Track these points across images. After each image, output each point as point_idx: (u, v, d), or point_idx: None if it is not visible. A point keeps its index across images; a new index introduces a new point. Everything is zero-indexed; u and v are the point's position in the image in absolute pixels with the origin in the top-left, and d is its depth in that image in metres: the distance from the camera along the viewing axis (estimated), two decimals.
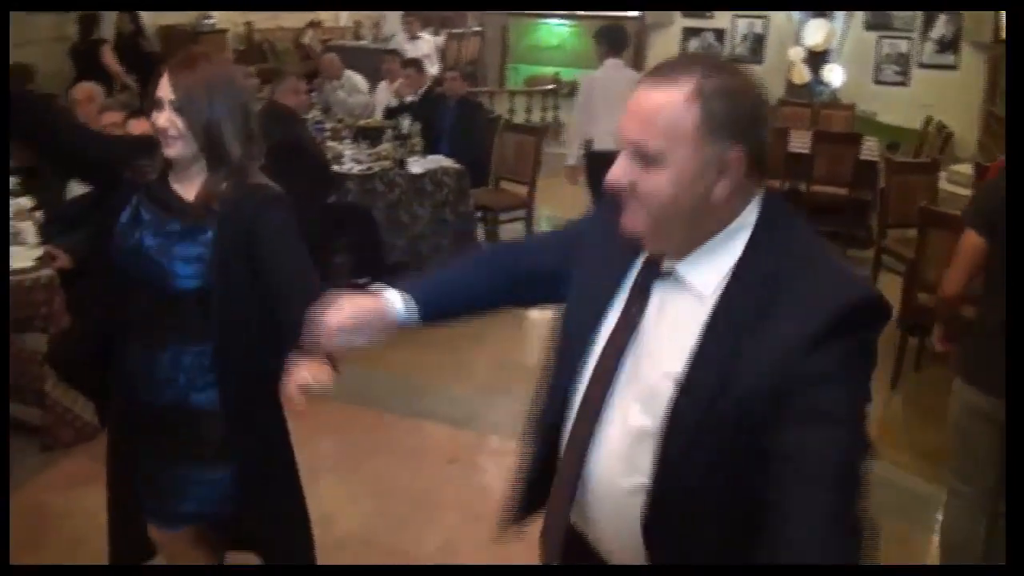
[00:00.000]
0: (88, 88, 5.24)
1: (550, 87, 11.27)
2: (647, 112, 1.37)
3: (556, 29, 14.04)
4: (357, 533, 3.53)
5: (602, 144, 5.91)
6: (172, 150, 2.16)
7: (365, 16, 13.44)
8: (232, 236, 2.19)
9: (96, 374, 2.49)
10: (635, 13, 13.12)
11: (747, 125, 1.37)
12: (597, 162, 6.02)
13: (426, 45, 9.94)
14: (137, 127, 4.23)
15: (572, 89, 12.49)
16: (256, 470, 2.39)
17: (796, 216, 1.45)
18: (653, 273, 1.47)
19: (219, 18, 10.53)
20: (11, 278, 3.86)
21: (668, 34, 12.96)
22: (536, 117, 10.75)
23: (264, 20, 11.43)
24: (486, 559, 3.38)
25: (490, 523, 3.54)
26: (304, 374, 1.84)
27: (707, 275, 1.41)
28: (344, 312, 1.62)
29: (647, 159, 1.37)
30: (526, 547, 3.38)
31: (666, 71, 1.39)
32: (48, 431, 4.02)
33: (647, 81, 1.39)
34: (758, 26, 12.36)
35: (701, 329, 1.38)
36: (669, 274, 1.45)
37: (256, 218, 2.20)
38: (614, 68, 6.22)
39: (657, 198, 1.38)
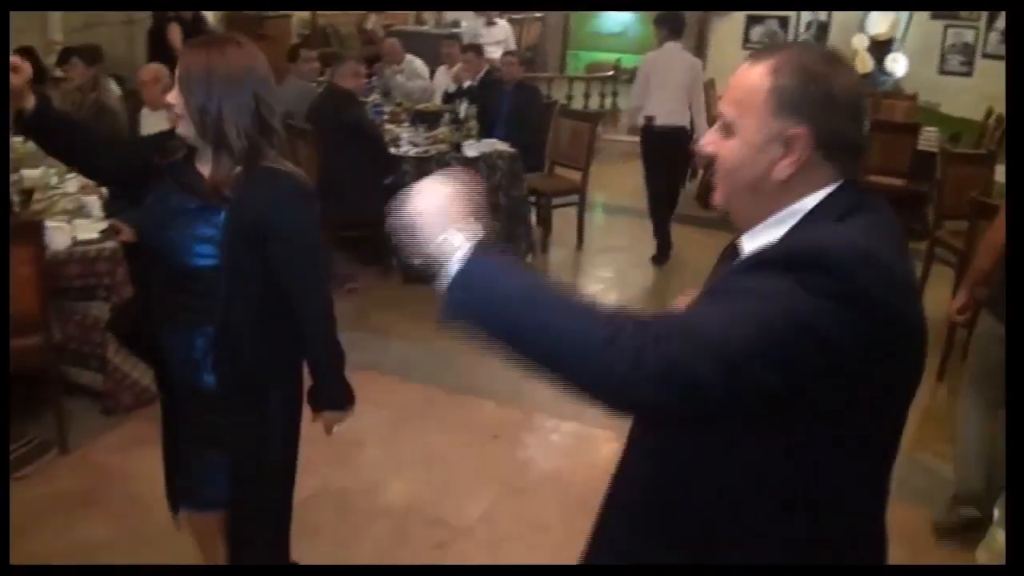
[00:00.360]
0: (155, 69, 5.41)
1: (609, 74, 11.28)
2: (732, 85, 1.44)
3: (619, 16, 14.02)
4: (400, 501, 3.65)
5: (665, 120, 6.60)
6: (179, 128, 2.20)
7: None
8: (241, 221, 2.19)
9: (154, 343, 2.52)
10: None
11: (817, 109, 1.37)
12: (651, 135, 6.64)
13: (501, 31, 10.01)
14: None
15: (631, 76, 12.52)
16: (244, 459, 2.39)
17: (867, 209, 1.41)
18: (729, 251, 1.55)
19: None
20: (77, 248, 4.06)
21: (731, 20, 12.90)
22: (594, 103, 10.79)
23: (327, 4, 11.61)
24: (524, 530, 3.50)
25: (529, 496, 3.68)
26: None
27: (753, 244, 1.45)
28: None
29: (725, 128, 1.43)
30: (560, 518, 3.49)
31: (763, 51, 1.44)
32: (109, 395, 4.21)
33: (748, 60, 1.45)
34: (822, 14, 12.26)
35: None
36: (738, 249, 1.50)
37: (272, 211, 2.20)
38: (673, 51, 6.68)
39: (726, 165, 1.43)
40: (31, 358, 3.74)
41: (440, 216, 1.29)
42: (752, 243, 1.44)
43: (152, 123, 5.40)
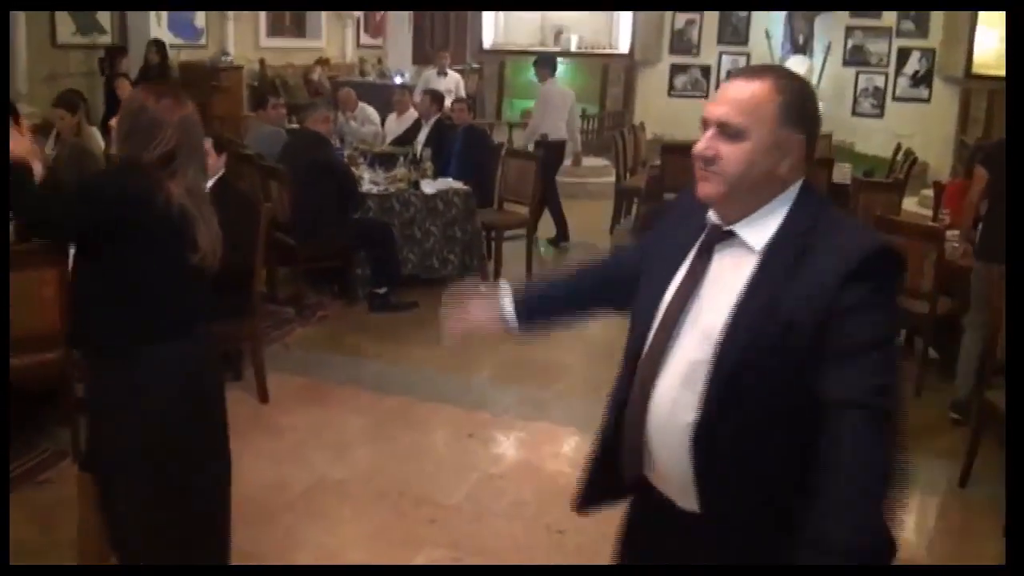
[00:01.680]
0: None
1: None
2: (739, 98, 1.69)
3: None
4: (393, 487, 4.10)
5: (555, 135, 8.80)
6: None
7: (369, 53, 14.19)
8: None
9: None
10: (624, 51, 13.85)
11: (809, 121, 1.71)
12: (549, 148, 8.60)
13: (451, 81, 10.77)
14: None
15: None
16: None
17: (826, 200, 1.79)
18: (715, 236, 1.77)
19: (235, 55, 11.20)
20: None
21: (656, 71, 13.67)
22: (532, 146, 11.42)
23: (275, 57, 12.11)
24: (505, 506, 3.99)
25: (506, 480, 4.17)
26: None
27: (759, 234, 1.71)
28: (468, 313, 2.11)
29: (732, 133, 1.68)
30: (535, 495, 3.98)
31: (754, 71, 1.76)
32: None
33: (739, 77, 1.74)
34: (742, 62, 13.05)
35: (751, 273, 1.68)
36: (729, 235, 1.74)
37: None
38: (554, 85, 9.23)
39: (736, 165, 1.68)
40: (52, 373, 4.09)
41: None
42: (751, 232, 1.73)
43: None
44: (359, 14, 13.94)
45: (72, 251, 2.91)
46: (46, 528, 3.62)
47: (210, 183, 4.77)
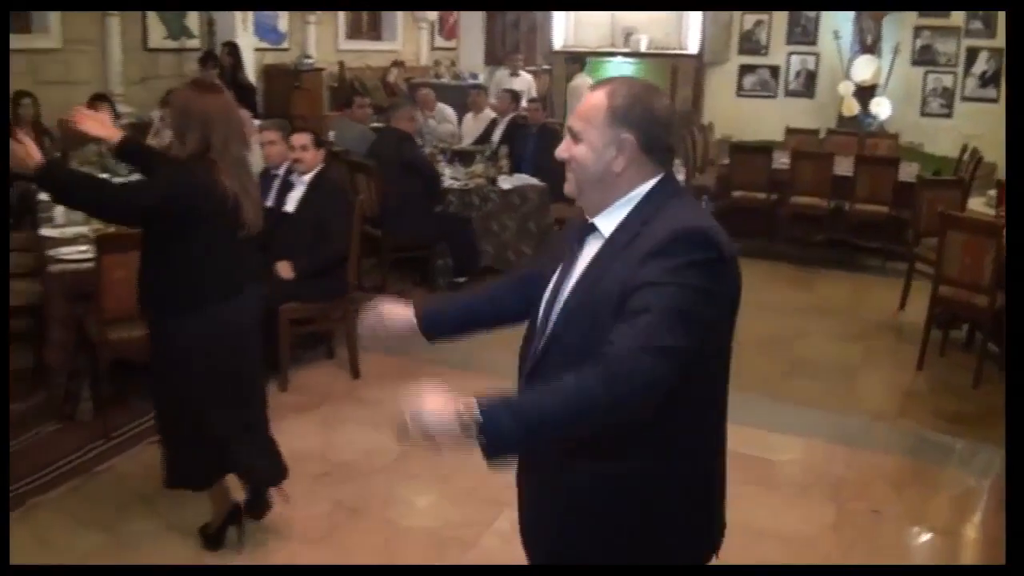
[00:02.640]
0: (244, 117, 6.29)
1: None
2: (581, 107, 1.97)
3: (620, 67, 14.95)
4: (478, 453, 4.43)
5: None
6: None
7: (442, 55, 14.60)
8: None
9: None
10: (694, 52, 14.03)
11: (639, 120, 1.90)
12: None
13: (523, 82, 11.10)
14: (298, 140, 5.28)
15: None
16: None
17: (682, 193, 1.98)
18: (585, 229, 1.99)
19: (316, 58, 11.66)
20: None
21: (724, 71, 13.83)
22: None
23: (353, 59, 12.57)
24: None
25: None
26: None
27: (610, 223, 1.93)
28: (380, 315, 2.23)
29: (575, 137, 1.95)
30: None
31: (600, 83, 1.99)
32: None
33: (590, 90, 1.99)
34: (810, 62, 13.17)
35: (593, 255, 1.94)
36: (592, 227, 1.97)
37: None
38: (582, 79, 10.25)
39: (578, 163, 1.94)
40: (132, 348, 4.35)
41: (443, 410, 1.69)
42: (605, 222, 1.95)
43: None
44: (434, 18, 14.35)
45: None
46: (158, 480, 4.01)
47: (309, 177, 5.23)
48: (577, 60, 10.93)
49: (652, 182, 1.94)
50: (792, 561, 3.72)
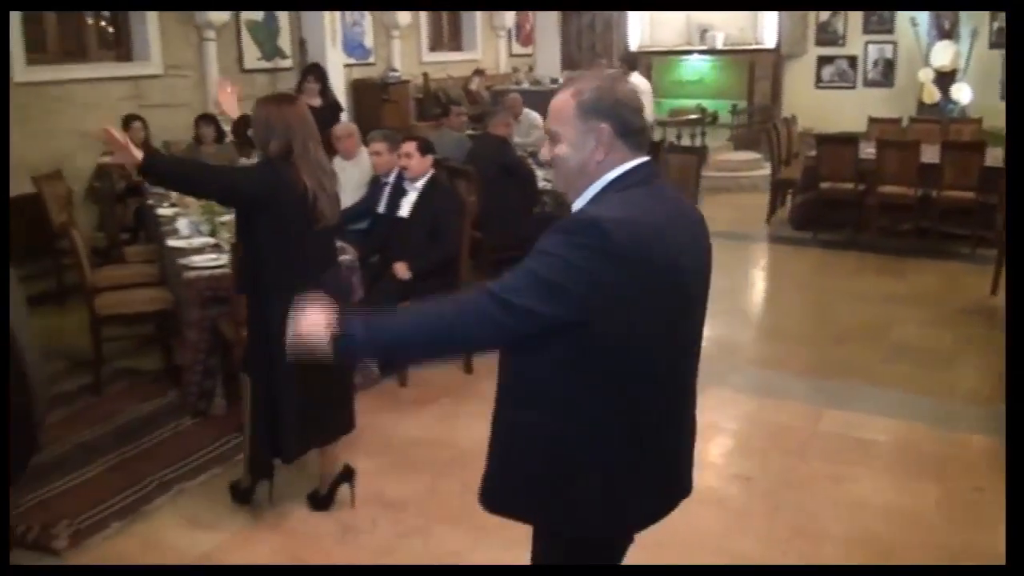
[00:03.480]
0: (349, 126, 6.67)
1: (695, 116, 12.34)
2: (552, 110, 2.11)
3: (696, 65, 15.08)
4: None
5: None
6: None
7: (520, 62, 14.90)
8: None
9: None
10: (770, 46, 14.11)
11: (609, 109, 2.04)
12: None
13: None
14: (404, 147, 5.65)
15: (715, 118, 13.59)
16: None
17: (646, 182, 2.08)
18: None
19: (401, 71, 12.03)
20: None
21: (802, 63, 13.88)
22: (685, 143, 11.85)
23: (436, 70, 12.90)
24: (697, 455, 4.52)
25: (698, 436, 4.63)
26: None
27: (578, 204, 2.11)
28: (308, 318, 2.06)
29: (553, 138, 2.11)
30: (722, 450, 4.43)
31: (563, 84, 2.14)
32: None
33: (557, 93, 2.13)
34: (888, 51, 13.16)
35: None
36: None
37: None
38: (636, 78, 9.86)
39: (563, 162, 2.10)
40: None
41: (316, 326, 2.00)
42: (578, 204, 2.12)
43: (344, 169, 6.62)
44: (511, 25, 14.66)
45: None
46: (299, 469, 4.32)
47: (421, 183, 5.56)
48: (627, 60, 11.41)
49: (624, 167, 2.07)
50: (897, 535, 3.89)
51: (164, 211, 6.39)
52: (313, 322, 2.02)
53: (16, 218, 7.08)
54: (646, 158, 2.11)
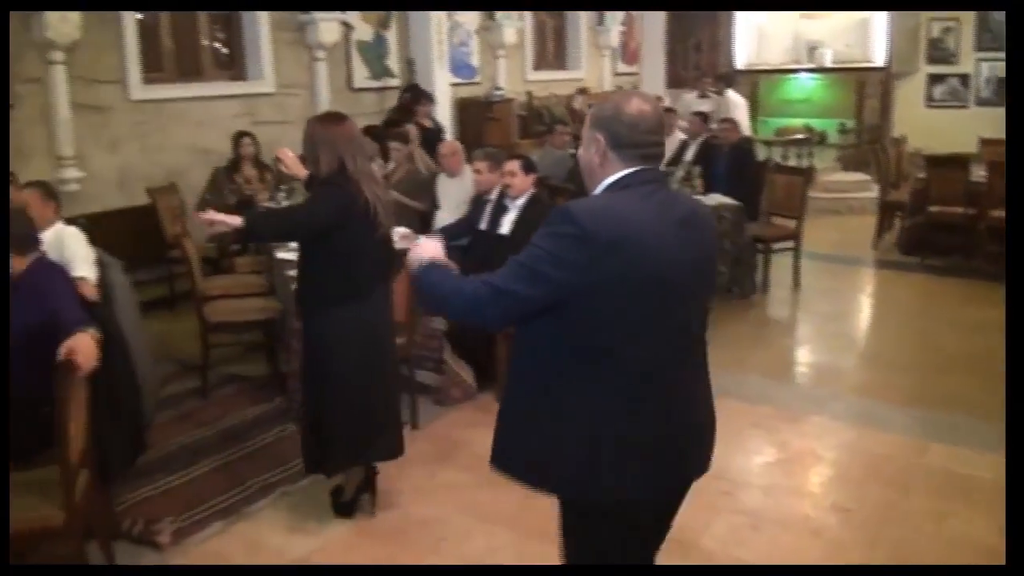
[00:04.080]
0: (455, 144, 6.80)
1: (802, 136, 12.15)
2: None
3: (804, 83, 14.85)
4: None
5: None
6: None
7: (625, 80, 14.90)
8: None
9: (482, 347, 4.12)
10: (880, 64, 13.81)
11: (606, 122, 2.34)
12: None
13: (711, 103, 11.27)
14: (508, 166, 5.71)
15: (823, 138, 13.36)
16: None
17: (633, 185, 2.30)
18: None
19: (506, 89, 12.16)
20: None
21: (913, 82, 13.54)
22: (791, 163, 11.68)
23: (540, 89, 13.01)
24: (792, 487, 4.47)
25: (791, 465, 4.62)
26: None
27: None
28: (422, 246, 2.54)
29: (581, 141, 2.45)
30: (818, 475, 4.40)
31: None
32: (442, 390, 5.41)
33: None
34: (1001, 69, 12.73)
35: None
36: None
37: None
38: (731, 94, 11.22)
39: (579, 160, 2.47)
40: (404, 355, 4.83)
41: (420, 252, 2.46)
42: None
43: (448, 186, 6.75)
44: (615, 44, 14.69)
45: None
46: (397, 476, 4.47)
47: (522, 200, 5.62)
48: (724, 77, 11.94)
49: (620, 174, 2.33)
50: None
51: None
52: (427, 247, 2.47)
53: (132, 228, 7.42)
54: (640, 167, 2.33)
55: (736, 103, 11.19)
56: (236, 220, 3.73)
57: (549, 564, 2.96)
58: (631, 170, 2.31)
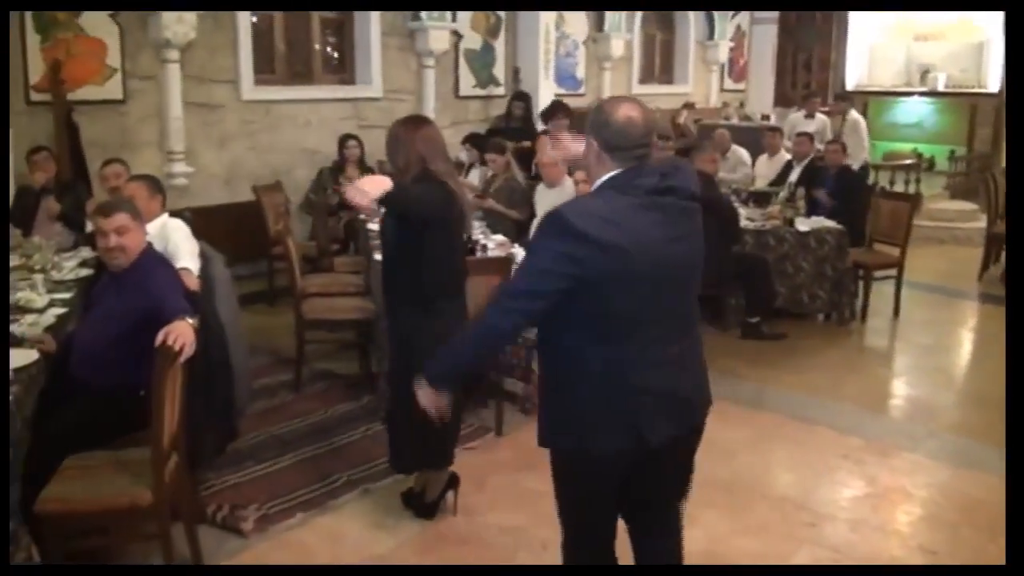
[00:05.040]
0: (554, 156, 6.83)
1: (910, 162, 11.85)
2: None
3: (915, 107, 14.47)
4: (774, 491, 4.62)
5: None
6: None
7: (731, 97, 14.74)
8: None
9: None
10: (994, 90, 13.38)
11: (597, 128, 2.59)
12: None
13: (818, 123, 10.97)
14: (579, 175, 5.85)
15: (932, 164, 12.99)
16: None
17: (616, 188, 2.55)
18: None
19: None
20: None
21: None
22: (898, 188, 11.39)
23: (646, 103, 12.95)
24: (879, 523, 4.36)
25: (880, 500, 4.51)
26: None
27: None
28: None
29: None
30: (907, 513, 4.27)
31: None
32: (529, 398, 5.37)
33: None
34: None
35: None
36: None
37: None
38: (854, 114, 10.86)
39: (581, 160, 2.75)
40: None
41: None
42: None
43: (547, 196, 6.77)
44: (723, 60, 14.54)
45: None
46: (479, 482, 4.52)
47: None
48: (845, 99, 11.81)
49: (612, 173, 2.59)
50: None
51: (373, 226, 6.68)
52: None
53: (236, 223, 7.63)
54: (632, 167, 2.56)
55: (860, 125, 10.90)
56: (388, 182, 3.60)
57: None
58: (623, 170, 2.57)
